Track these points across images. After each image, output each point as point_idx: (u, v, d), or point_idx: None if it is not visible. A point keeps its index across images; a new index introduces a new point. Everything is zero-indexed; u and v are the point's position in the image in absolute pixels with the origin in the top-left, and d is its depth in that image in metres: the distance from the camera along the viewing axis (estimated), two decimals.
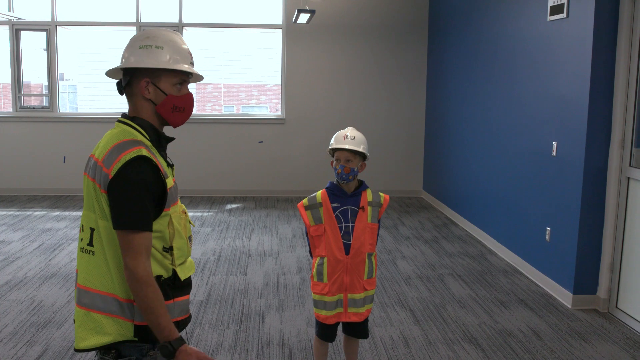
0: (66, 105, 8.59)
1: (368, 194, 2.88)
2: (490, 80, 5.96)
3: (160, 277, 1.83)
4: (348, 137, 2.84)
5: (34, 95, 8.38)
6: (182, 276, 1.90)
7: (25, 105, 8.22)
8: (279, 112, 8.43)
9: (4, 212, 7.12)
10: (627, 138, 4.09)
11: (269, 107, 8.92)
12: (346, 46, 8.21)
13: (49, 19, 8.03)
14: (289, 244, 5.98)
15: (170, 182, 1.85)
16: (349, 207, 2.83)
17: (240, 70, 8.78)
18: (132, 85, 1.88)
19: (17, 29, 8.04)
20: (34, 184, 8.19)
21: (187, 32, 8.21)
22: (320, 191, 2.90)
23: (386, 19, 8.20)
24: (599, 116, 4.15)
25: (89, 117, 8.13)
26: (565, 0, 4.38)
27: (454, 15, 7.16)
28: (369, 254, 2.86)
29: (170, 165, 1.95)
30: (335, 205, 2.83)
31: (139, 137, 1.84)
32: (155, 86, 1.87)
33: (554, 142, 4.57)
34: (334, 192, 2.86)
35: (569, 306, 4.34)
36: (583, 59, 4.18)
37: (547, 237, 4.68)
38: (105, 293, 1.80)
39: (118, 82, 1.93)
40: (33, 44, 8.31)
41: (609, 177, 4.19)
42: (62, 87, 8.46)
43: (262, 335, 3.82)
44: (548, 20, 4.65)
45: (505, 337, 3.84)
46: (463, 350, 3.65)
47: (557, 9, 4.50)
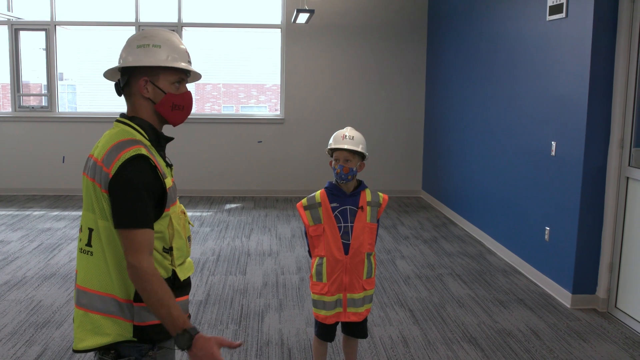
0: (65, 105, 8.59)
1: (367, 194, 2.88)
2: (489, 80, 5.96)
3: None
4: (347, 137, 2.83)
5: (33, 95, 8.37)
6: (181, 276, 1.90)
7: (24, 105, 8.21)
8: (278, 112, 8.43)
9: (3, 212, 7.11)
10: (626, 138, 4.09)
11: (268, 107, 8.92)
12: (345, 46, 8.21)
13: (48, 18, 8.03)
14: (288, 243, 5.98)
15: (169, 182, 1.85)
16: (348, 207, 2.83)
17: (240, 70, 8.77)
18: (130, 85, 1.88)
19: (16, 28, 8.04)
20: (33, 183, 8.18)
21: (186, 32, 8.21)
22: (319, 191, 2.89)
23: (385, 18, 8.20)
24: (598, 116, 4.15)
25: (88, 117, 8.12)
26: (564, 0, 4.38)
27: (453, 15, 7.16)
28: (368, 254, 2.86)
29: (169, 165, 1.95)
30: (335, 205, 2.83)
31: (138, 137, 1.84)
32: (154, 85, 1.87)
33: (553, 142, 4.57)
34: (333, 192, 2.86)
35: (568, 306, 4.34)
36: (582, 59, 4.18)
37: (547, 237, 4.68)
38: (104, 294, 1.80)
39: (116, 83, 1.93)
40: (32, 43, 8.30)
41: (608, 177, 4.20)
42: (61, 87, 8.45)
43: (262, 335, 3.81)
44: (547, 20, 4.65)
45: (505, 337, 3.84)
46: (462, 350, 3.65)
47: (556, 9, 4.50)
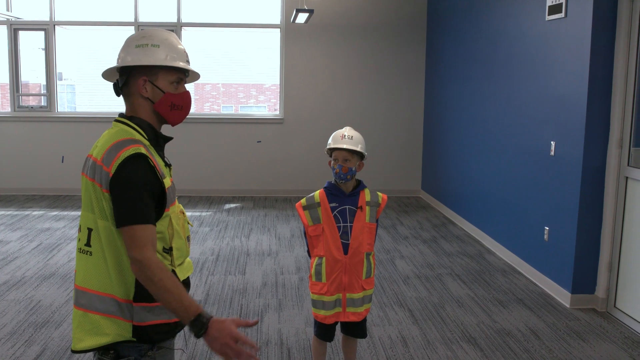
0: (64, 105, 8.59)
1: (366, 194, 2.88)
2: (488, 80, 5.96)
3: None
4: (346, 137, 2.83)
5: (32, 95, 8.37)
6: (181, 277, 1.90)
7: (23, 105, 8.21)
8: (278, 112, 8.43)
9: (2, 212, 7.11)
10: (625, 137, 4.09)
11: (268, 106, 8.92)
12: (345, 46, 8.21)
13: (47, 18, 8.02)
14: (288, 243, 5.98)
15: (167, 182, 1.85)
16: (347, 206, 2.83)
17: (239, 70, 8.77)
18: (129, 85, 1.88)
19: (15, 28, 8.03)
20: (33, 183, 8.18)
21: (186, 32, 8.20)
22: (318, 191, 2.89)
23: (384, 18, 8.20)
24: (597, 116, 4.15)
25: (87, 117, 8.12)
26: (563, 0, 4.38)
27: (452, 14, 7.16)
28: (367, 254, 2.86)
29: (168, 165, 1.95)
30: (334, 205, 2.83)
31: (137, 137, 1.84)
32: (153, 84, 1.87)
33: (552, 142, 4.57)
34: (332, 191, 2.86)
35: (567, 306, 4.35)
36: (581, 59, 4.18)
37: (546, 237, 4.68)
38: (103, 294, 1.79)
39: (115, 83, 1.93)
40: (31, 43, 8.30)
41: (607, 176, 4.20)
42: (61, 87, 8.45)
43: (261, 335, 3.81)
44: (546, 19, 4.65)
45: (504, 337, 3.84)
46: (461, 349, 3.65)
47: (555, 9, 4.50)
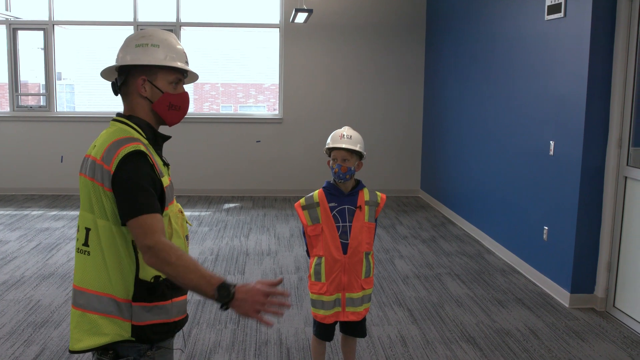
0: (63, 105, 8.60)
1: (365, 193, 2.88)
2: (487, 80, 5.96)
3: (159, 277, 1.82)
4: (344, 137, 2.83)
5: (32, 94, 8.37)
6: None
7: (22, 104, 8.20)
8: (277, 112, 8.43)
9: (2, 212, 7.10)
10: (624, 137, 4.09)
11: (267, 106, 8.93)
12: (344, 45, 8.21)
13: (46, 18, 8.01)
14: (287, 243, 5.98)
15: (166, 181, 1.85)
16: (346, 206, 2.83)
17: (238, 69, 8.78)
18: (128, 84, 1.89)
19: (14, 28, 8.02)
20: (32, 183, 8.17)
21: (185, 32, 8.20)
22: (317, 191, 2.89)
23: (384, 18, 8.20)
24: (596, 115, 4.15)
25: (87, 117, 8.11)
26: (562, 0, 4.38)
27: (451, 14, 7.16)
28: (367, 253, 2.86)
29: (166, 165, 1.96)
30: (333, 204, 2.83)
31: (136, 135, 1.85)
32: (152, 84, 1.88)
33: (551, 142, 4.57)
34: (331, 191, 2.85)
35: (567, 305, 4.35)
36: (580, 58, 4.18)
37: (545, 237, 4.68)
38: (102, 293, 1.79)
39: (113, 83, 1.94)
40: (30, 43, 8.30)
41: (606, 176, 4.20)
42: (60, 87, 8.45)
43: (260, 335, 3.81)
44: (545, 19, 4.65)
45: (503, 336, 3.84)
46: (461, 349, 3.65)
47: (554, 9, 4.50)
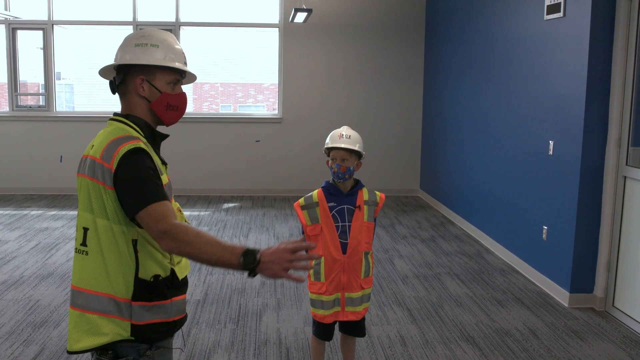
0: (63, 105, 8.60)
1: (364, 193, 2.88)
2: (487, 79, 5.96)
3: (159, 276, 1.82)
4: (343, 136, 2.83)
5: (31, 94, 8.37)
6: (179, 276, 1.90)
7: (21, 104, 8.20)
8: (276, 111, 8.42)
9: (1, 212, 7.10)
10: (623, 137, 4.10)
11: (266, 106, 8.93)
12: (343, 45, 8.21)
13: (45, 18, 8.01)
14: None
15: (164, 180, 1.85)
16: (345, 206, 2.83)
17: (237, 69, 8.77)
18: (126, 83, 1.89)
19: (13, 27, 8.02)
20: (31, 183, 8.17)
21: (184, 31, 8.20)
22: (316, 190, 2.89)
23: (383, 17, 8.20)
24: (595, 115, 4.15)
25: (86, 116, 8.10)
26: (562, 0, 4.39)
27: (451, 14, 7.16)
28: (366, 253, 2.86)
29: (164, 164, 1.96)
30: (332, 204, 2.83)
31: (134, 134, 1.85)
32: (150, 84, 1.88)
33: (550, 141, 4.57)
34: (330, 191, 2.85)
35: (566, 305, 4.35)
36: (580, 58, 4.19)
37: (544, 236, 4.69)
38: (101, 293, 1.79)
39: (111, 82, 1.94)
40: (29, 43, 8.29)
41: (605, 176, 4.20)
42: (59, 86, 8.44)
43: (259, 335, 3.81)
44: (545, 19, 4.65)
45: (502, 336, 3.84)
46: (460, 349, 3.65)
47: (553, 8, 4.50)
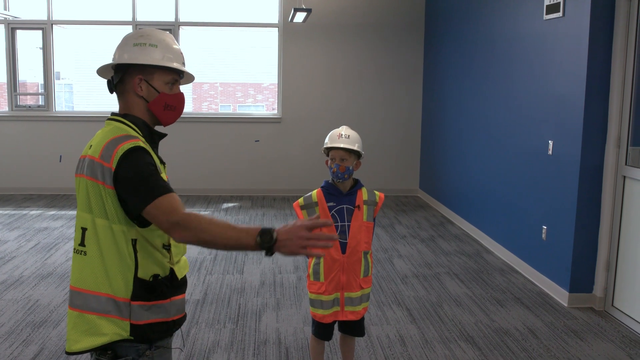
0: (62, 104, 8.59)
1: (363, 193, 2.88)
2: (486, 79, 5.96)
3: (158, 276, 1.82)
4: (342, 136, 2.83)
5: (30, 94, 8.36)
6: (178, 275, 1.90)
7: (21, 104, 8.19)
8: (276, 111, 8.42)
9: (0, 212, 7.09)
10: (623, 137, 4.10)
11: (266, 105, 8.92)
12: (343, 45, 8.20)
13: (44, 17, 8.01)
14: None
15: (163, 178, 1.85)
16: (344, 206, 2.83)
17: (237, 69, 8.77)
18: (124, 83, 1.89)
19: (12, 27, 8.02)
20: (30, 183, 8.17)
21: (183, 31, 8.19)
22: (315, 190, 2.89)
23: (383, 17, 8.19)
24: (595, 115, 4.15)
25: (85, 116, 8.09)
26: None
27: (450, 14, 7.16)
28: (365, 253, 2.86)
29: (162, 163, 1.96)
30: (331, 204, 2.83)
31: (133, 133, 1.84)
32: (148, 83, 1.88)
33: (550, 141, 4.57)
34: (330, 191, 2.85)
35: (565, 304, 4.35)
36: (579, 58, 4.19)
37: (544, 236, 4.69)
38: (99, 293, 1.79)
39: (109, 81, 1.94)
40: (29, 42, 8.28)
41: (605, 175, 4.20)
42: (58, 86, 8.44)
43: (259, 334, 3.81)
44: (544, 19, 4.65)
45: (502, 336, 3.84)
46: (459, 348, 3.65)
47: (553, 8, 4.50)
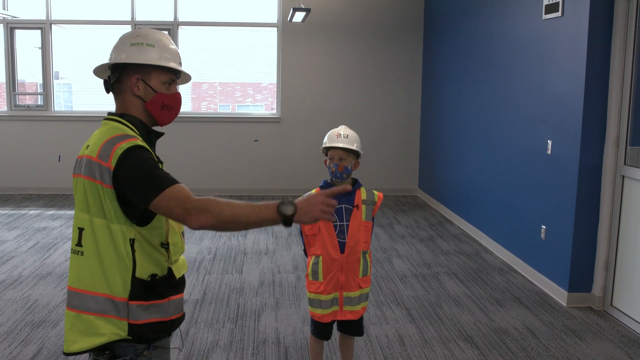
0: (61, 104, 8.57)
1: (362, 192, 2.88)
2: (485, 79, 5.96)
3: (156, 275, 1.82)
4: (341, 136, 2.83)
5: (29, 93, 8.35)
6: (176, 274, 1.90)
7: (20, 104, 8.19)
8: (275, 111, 8.42)
9: None
10: (621, 136, 4.10)
11: (265, 105, 8.91)
12: (342, 45, 8.20)
13: (43, 17, 8.00)
14: (285, 242, 5.97)
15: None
16: (343, 205, 2.83)
17: (236, 68, 8.76)
18: (121, 82, 1.89)
19: (11, 27, 8.01)
20: (29, 182, 8.16)
21: (182, 31, 8.19)
22: (314, 190, 2.88)
23: (382, 17, 8.19)
24: (593, 114, 4.15)
25: (84, 116, 8.09)
26: None
27: (449, 13, 7.16)
28: (364, 252, 2.86)
29: (160, 162, 1.95)
30: None
31: (130, 133, 1.84)
32: (145, 83, 1.88)
33: (549, 141, 4.58)
34: None
35: (564, 304, 4.35)
36: (578, 58, 4.19)
37: (543, 236, 4.69)
38: (97, 293, 1.78)
39: (105, 80, 1.94)
40: (28, 42, 8.27)
41: (603, 175, 4.20)
42: (57, 86, 8.43)
43: (258, 334, 3.81)
44: (543, 18, 4.65)
45: (501, 335, 3.84)
46: (458, 348, 3.65)
47: (552, 8, 4.50)
